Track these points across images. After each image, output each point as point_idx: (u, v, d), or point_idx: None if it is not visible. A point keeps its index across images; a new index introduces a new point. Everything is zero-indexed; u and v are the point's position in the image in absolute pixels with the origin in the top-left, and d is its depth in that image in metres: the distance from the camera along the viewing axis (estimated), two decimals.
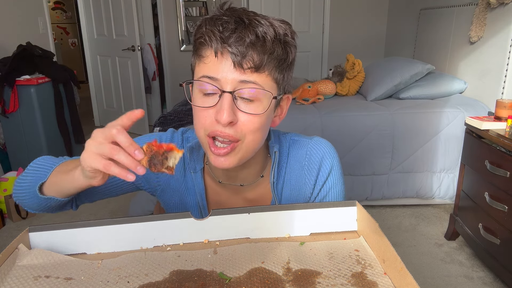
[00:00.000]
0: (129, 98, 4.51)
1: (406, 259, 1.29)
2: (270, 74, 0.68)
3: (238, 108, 0.68)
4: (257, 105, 0.68)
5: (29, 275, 0.60)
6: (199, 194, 0.85)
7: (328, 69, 4.33)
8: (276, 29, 0.67)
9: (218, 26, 0.66)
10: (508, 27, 2.34)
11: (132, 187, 0.88)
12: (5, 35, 3.18)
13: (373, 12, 4.50)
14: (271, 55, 0.67)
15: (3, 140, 3.07)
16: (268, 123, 0.74)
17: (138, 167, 0.56)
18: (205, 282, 0.58)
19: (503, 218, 1.77)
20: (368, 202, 2.68)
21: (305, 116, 2.55)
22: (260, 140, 0.73)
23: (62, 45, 7.60)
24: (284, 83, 0.73)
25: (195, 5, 4.72)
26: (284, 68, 0.71)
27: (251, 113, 0.68)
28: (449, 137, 2.53)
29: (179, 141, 0.87)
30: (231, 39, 0.65)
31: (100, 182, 0.62)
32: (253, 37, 0.65)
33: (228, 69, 0.66)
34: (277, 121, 0.79)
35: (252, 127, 0.69)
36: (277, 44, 0.68)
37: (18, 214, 2.62)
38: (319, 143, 0.86)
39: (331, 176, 0.85)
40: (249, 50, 0.65)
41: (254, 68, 0.66)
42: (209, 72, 0.67)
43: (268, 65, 0.67)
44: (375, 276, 0.58)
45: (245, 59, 0.65)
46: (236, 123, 0.68)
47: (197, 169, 0.84)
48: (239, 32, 0.65)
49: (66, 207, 0.83)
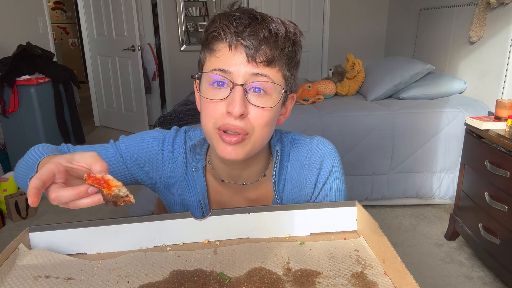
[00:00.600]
0: (129, 98, 4.51)
1: (406, 259, 1.29)
2: (280, 70, 0.70)
3: (249, 101, 0.69)
4: (267, 99, 0.70)
5: (29, 275, 0.60)
6: (201, 192, 0.86)
7: (328, 69, 4.33)
8: (287, 27, 0.70)
9: (232, 21, 0.68)
10: (508, 27, 2.34)
11: (132, 180, 0.88)
12: (5, 35, 3.18)
13: (373, 12, 4.50)
14: (283, 51, 0.69)
15: (3, 140, 3.07)
16: (275, 120, 0.75)
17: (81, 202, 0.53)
18: (205, 282, 0.58)
19: (503, 218, 1.77)
20: (368, 202, 2.68)
21: (305, 116, 2.55)
22: (267, 135, 0.74)
23: (62, 45, 7.60)
24: (291, 81, 0.75)
25: (195, 5, 4.72)
26: (292, 66, 0.73)
27: (261, 106, 0.69)
28: (449, 137, 2.53)
29: (182, 139, 0.87)
30: (245, 33, 0.67)
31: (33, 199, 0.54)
32: (267, 32, 0.67)
33: (241, 62, 0.68)
34: (282, 119, 0.80)
35: (261, 120, 0.70)
36: (287, 41, 0.70)
37: (18, 214, 2.62)
38: (320, 143, 0.86)
39: (332, 176, 0.85)
40: (262, 45, 0.67)
41: (266, 62, 0.68)
42: (221, 65, 0.69)
43: (279, 61, 0.69)
44: (375, 276, 0.58)
45: (258, 52, 0.67)
46: (246, 116, 0.69)
47: (199, 168, 0.85)
48: (252, 27, 0.67)
49: None
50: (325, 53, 4.66)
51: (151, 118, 4.67)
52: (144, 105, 4.41)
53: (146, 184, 0.90)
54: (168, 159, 0.86)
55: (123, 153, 0.85)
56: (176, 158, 0.86)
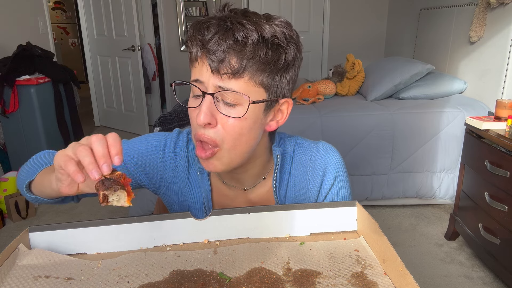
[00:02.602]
0: (129, 98, 4.51)
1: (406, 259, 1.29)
2: (251, 79, 0.67)
3: (218, 111, 0.68)
4: (239, 110, 0.68)
5: (29, 275, 0.60)
6: (205, 195, 0.85)
7: (328, 69, 4.33)
8: (262, 32, 0.65)
9: (203, 30, 0.66)
10: (508, 27, 2.34)
11: (134, 184, 0.88)
12: (5, 35, 3.18)
13: (373, 12, 4.50)
14: (252, 59, 0.65)
15: (3, 140, 3.07)
16: (255, 128, 0.71)
17: (93, 171, 0.55)
18: (205, 282, 0.58)
19: (503, 218, 1.77)
20: (368, 202, 2.68)
21: (305, 116, 2.55)
22: (246, 145, 0.72)
23: (62, 45, 7.60)
24: (276, 87, 0.70)
25: (195, 5, 4.72)
26: (273, 71, 0.68)
27: (230, 116, 0.67)
28: (449, 137, 2.53)
29: (184, 142, 0.87)
30: (209, 44, 0.65)
31: (67, 188, 0.61)
32: (231, 42, 0.64)
33: (208, 73, 0.67)
34: (274, 125, 0.76)
35: (232, 131, 0.68)
36: (260, 47, 0.65)
37: (18, 214, 2.62)
38: (324, 149, 0.85)
39: (336, 184, 0.84)
40: (226, 55, 0.65)
41: (231, 74, 0.65)
42: (196, 75, 0.69)
43: (249, 70, 0.66)
44: (375, 276, 0.58)
45: (222, 64, 0.65)
46: (216, 126, 0.68)
47: (204, 170, 0.84)
48: (217, 37, 0.65)
49: (66, 200, 0.81)
50: (325, 53, 4.66)
51: (151, 118, 4.67)
52: (144, 105, 4.41)
53: (148, 187, 0.89)
54: (170, 162, 0.86)
55: (124, 157, 0.84)
56: (178, 161, 0.86)
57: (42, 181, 0.72)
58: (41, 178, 0.73)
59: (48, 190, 0.68)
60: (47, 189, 0.69)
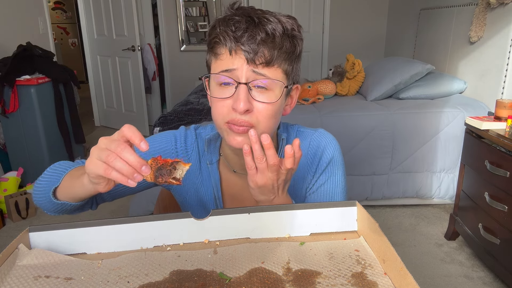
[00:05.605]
0: (129, 98, 4.51)
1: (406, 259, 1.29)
2: (279, 67, 0.74)
3: (253, 98, 0.74)
4: (270, 94, 0.75)
5: (29, 275, 0.60)
6: (215, 185, 0.89)
7: (328, 69, 4.33)
8: (284, 25, 0.73)
9: (231, 26, 0.72)
10: (508, 27, 2.34)
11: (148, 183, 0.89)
12: (5, 35, 3.18)
13: (373, 12, 4.50)
14: (281, 49, 0.73)
15: (3, 140, 3.06)
16: (280, 111, 0.80)
17: (135, 175, 0.58)
18: (205, 282, 0.58)
19: (503, 218, 1.77)
20: (368, 202, 2.68)
21: (305, 116, 2.55)
22: (273, 126, 0.79)
23: (62, 45, 7.61)
24: (293, 74, 0.79)
25: (195, 5, 4.72)
26: (293, 60, 0.77)
27: (265, 101, 0.74)
28: (449, 137, 2.53)
29: (193, 136, 0.91)
30: (243, 38, 0.71)
31: (105, 188, 0.65)
32: (263, 34, 0.71)
33: (243, 64, 0.72)
34: (288, 109, 0.84)
35: (266, 114, 0.75)
36: (285, 39, 0.74)
37: (18, 214, 2.62)
38: (322, 135, 0.91)
39: (330, 165, 0.88)
40: (260, 47, 0.71)
41: (265, 63, 0.72)
42: (225, 66, 0.74)
43: (278, 59, 0.73)
44: (375, 276, 0.58)
45: (257, 55, 0.72)
46: (252, 111, 0.74)
47: (213, 161, 0.89)
48: (250, 31, 0.71)
49: (85, 208, 0.84)
50: (325, 53, 4.66)
51: (151, 118, 4.68)
52: (144, 105, 4.41)
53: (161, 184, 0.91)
54: (182, 156, 0.90)
55: None
56: (190, 154, 0.91)
57: (72, 185, 0.74)
58: (68, 183, 0.75)
59: (80, 191, 0.71)
60: (79, 191, 0.72)
